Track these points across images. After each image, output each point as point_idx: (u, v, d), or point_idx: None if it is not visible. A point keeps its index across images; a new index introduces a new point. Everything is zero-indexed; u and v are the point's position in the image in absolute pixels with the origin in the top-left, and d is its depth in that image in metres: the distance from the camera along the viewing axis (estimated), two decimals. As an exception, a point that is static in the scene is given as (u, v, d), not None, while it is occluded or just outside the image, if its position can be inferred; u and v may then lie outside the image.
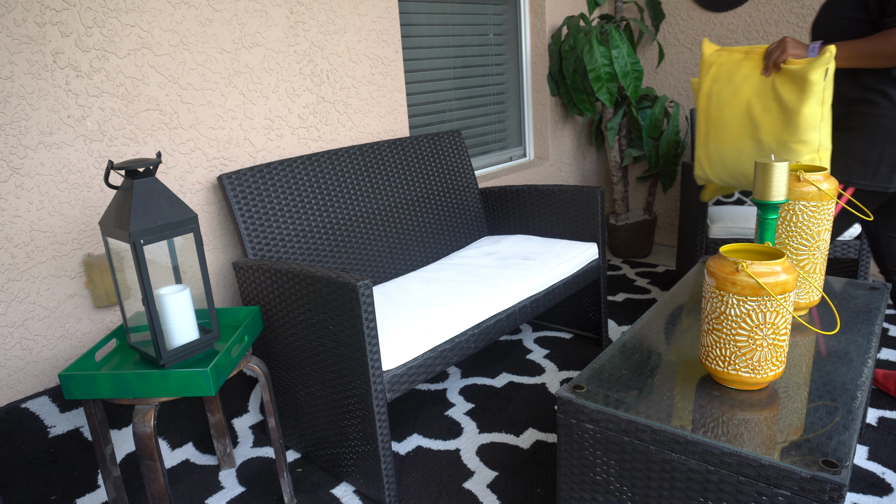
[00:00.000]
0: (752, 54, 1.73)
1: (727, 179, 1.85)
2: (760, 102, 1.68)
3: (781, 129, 1.65)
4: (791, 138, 1.63)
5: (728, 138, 1.74)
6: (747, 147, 1.71)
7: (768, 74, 1.66)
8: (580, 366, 2.34)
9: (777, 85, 1.65)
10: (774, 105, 1.65)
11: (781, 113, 1.65)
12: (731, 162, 1.77)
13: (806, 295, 1.51)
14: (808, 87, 1.59)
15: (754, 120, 1.68)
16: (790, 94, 1.62)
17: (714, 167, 1.83)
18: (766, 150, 1.70)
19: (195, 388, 1.29)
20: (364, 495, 1.69)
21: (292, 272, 1.60)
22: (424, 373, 1.65)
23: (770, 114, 1.66)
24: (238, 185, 1.85)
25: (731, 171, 1.79)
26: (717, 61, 1.77)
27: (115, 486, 1.51)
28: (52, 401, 1.62)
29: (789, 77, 1.63)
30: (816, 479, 0.92)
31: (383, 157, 2.27)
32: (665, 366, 1.30)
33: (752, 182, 1.79)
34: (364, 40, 2.32)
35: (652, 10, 3.33)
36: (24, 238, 1.56)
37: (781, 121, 1.65)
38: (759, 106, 1.68)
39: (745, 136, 1.71)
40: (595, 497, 1.20)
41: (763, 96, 1.68)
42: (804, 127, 1.61)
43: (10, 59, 1.49)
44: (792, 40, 1.63)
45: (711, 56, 1.79)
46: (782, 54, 1.62)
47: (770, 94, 1.66)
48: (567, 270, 2.16)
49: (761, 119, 1.67)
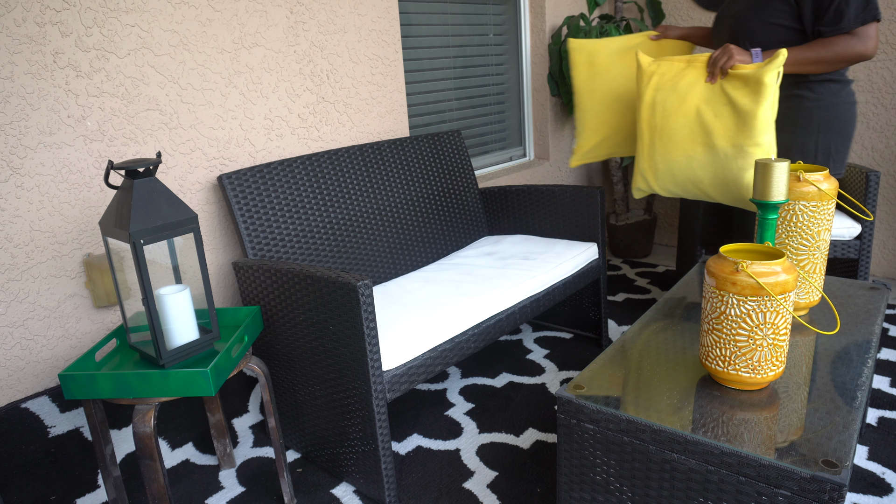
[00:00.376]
0: (694, 63, 1.75)
1: (674, 189, 1.84)
2: (711, 109, 1.69)
3: (736, 132, 1.66)
4: (747, 141, 1.65)
5: (677, 147, 1.75)
6: (699, 154, 1.72)
7: (714, 81, 1.69)
8: (580, 366, 2.34)
9: (728, 90, 1.67)
10: (727, 110, 1.67)
11: (735, 117, 1.66)
12: (680, 171, 1.77)
13: (806, 295, 1.51)
14: (763, 90, 1.61)
15: (706, 126, 1.69)
16: (744, 97, 1.64)
17: (660, 177, 1.82)
18: (720, 155, 1.70)
19: (195, 388, 1.29)
20: (364, 495, 1.69)
21: (292, 272, 1.60)
22: (424, 373, 1.65)
23: (723, 119, 1.68)
24: (238, 185, 1.85)
25: (678, 179, 1.79)
26: (658, 71, 1.78)
27: (115, 486, 1.52)
28: (52, 401, 1.62)
29: (742, 81, 1.65)
30: (816, 479, 0.92)
31: (383, 157, 2.27)
32: (665, 366, 1.30)
33: (702, 190, 1.79)
34: (364, 40, 2.32)
35: (652, 10, 3.33)
36: (24, 238, 1.56)
37: (736, 125, 1.66)
38: (709, 112, 1.69)
39: (696, 143, 1.72)
40: (595, 497, 1.20)
41: (713, 102, 1.69)
42: (759, 129, 1.63)
43: (10, 59, 1.49)
44: (735, 47, 1.66)
45: (651, 66, 1.79)
46: (729, 60, 1.65)
47: (721, 100, 1.68)
48: (567, 270, 2.16)
49: (714, 125, 1.68)
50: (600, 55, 2.17)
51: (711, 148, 1.69)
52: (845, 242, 2.36)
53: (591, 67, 2.18)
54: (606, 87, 2.16)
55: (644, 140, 1.81)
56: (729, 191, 1.72)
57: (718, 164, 1.70)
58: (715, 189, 1.74)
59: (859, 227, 2.34)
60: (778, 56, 1.57)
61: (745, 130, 1.64)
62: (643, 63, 1.81)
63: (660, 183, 1.83)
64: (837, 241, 2.37)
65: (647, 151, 1.81)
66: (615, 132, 2.19)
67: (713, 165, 1.71)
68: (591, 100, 2.19)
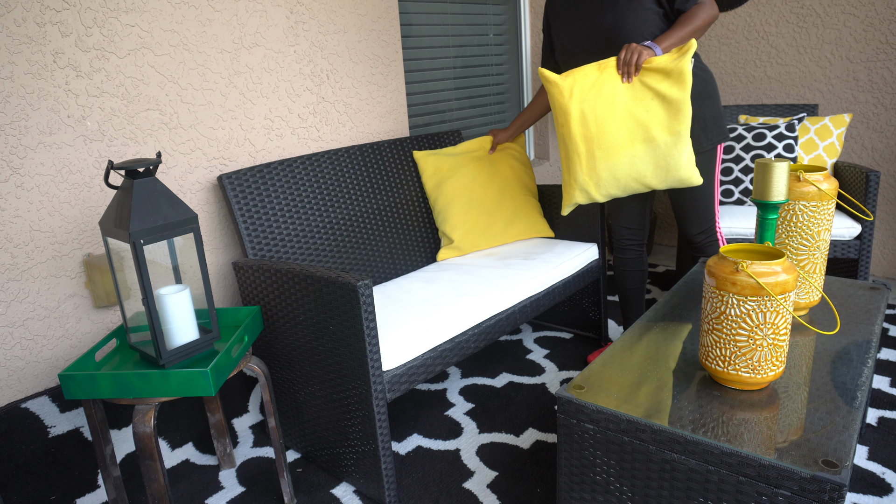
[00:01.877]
0: (605, 68, 1.80)
1: (615, 192, 1.88)
2: (641, 106, 1.77)
3: (671, 120, 1.76)
4: (682, 126, 1.76)
5: (619, 149, 1.80)
6: (640, 151, 1.79)
7: (630, 80, 1.78)
8: (580, 366, 2.34)
9: (652, 84, 1.75)
10: (655, 104, 1.76)
11: (666, 107, 1.75)
12: (623, 172, 1.82)
13: (806, 295, 1.51)
14: (685, 78, 1.72)
15: (642, 123, 1.77)
16: (671, 88, 1.74)
17: (603, 185, 1.85)
18: (661, 146, 1.78)
19: (195, 388, 1.29)
20: (364, 495, 1.69)
21: (292, 272, 1.60)
22: (424, 373, 1.65)
23: (654, 113, 1.76)
24: (238, 185, 1.85)
25: (622, 181, 1.84)
26: (575, 85, 1.80)
27: (115, 486, 1.52)
28: (52, 401, 1.62)
29: (662, 74, 1.74)
30: (816, 479, 0.92)
31: (383, 157, 2.27)
32: (665, 366, 1.30)
33: (644, 183, 1.81)
34: (364, 40, 2.32)
35: (652, 10, 3.33)
36: (24, 238, 1.56)
37: (668, 114, 1.76)
38: (640, 109, 1.77)
39: (636, 140, 1.79)
40: (595, 497, 1.20)
41: (641, 99, 1.77)
42: (686, 113, 1.75)
43: (10, 59, 1.49)
44: (636, 45, 1.76)
45: (566, 81, 1.81)
46: (640, 58, 1.74)
47: (647, 96, 1.77)
48: (567, 270, 2.17)
49: (648, 120, 1.77)
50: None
51: (651, 142, 1.78)
52: (845, 242, 2.36)
53: None
54: None
55: (580, 153, 1.83)
56: (670, 174, 1.81)
57: (660, 153, 1.78)
58: (657, 178, 1.82)
59: (859, 227, 2.34)
60: (689, 45, 1.73)
61: (679, 117, 1.75)
62: (553, 78, 1.82)
63: (602, 191, 1.87)
64: (837, 241, 2.37)
65: (585, 164, 1.84)
66: None
67: (655, 156, 1.79)
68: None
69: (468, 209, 2.25)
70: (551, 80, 1.81)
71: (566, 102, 1.80)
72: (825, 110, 2.97)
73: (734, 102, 3.24)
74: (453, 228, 2.26)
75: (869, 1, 2.74)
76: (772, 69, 3.07)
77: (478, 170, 2.28)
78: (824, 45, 2.90)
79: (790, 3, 2.95)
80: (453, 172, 2.27)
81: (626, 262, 2.22)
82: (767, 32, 3.05)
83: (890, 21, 2.71)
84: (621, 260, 2.23)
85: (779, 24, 3.00)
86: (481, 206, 2.26)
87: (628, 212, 2.15)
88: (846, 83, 2.88)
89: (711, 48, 3.23)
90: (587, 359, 2.38)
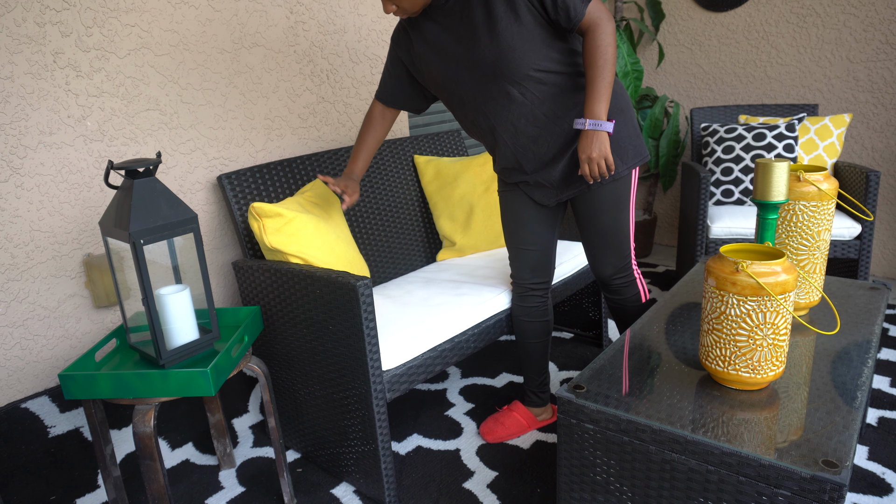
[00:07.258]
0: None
1: None
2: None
3: None
4: None
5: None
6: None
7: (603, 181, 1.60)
8: (580, 366, 2.34)
9: None
10: None
11: None
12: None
13: (806, 295, 1.51)
14: None
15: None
16: None
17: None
18: None
19: (195, 388, 1.29)
20: (364, 495, 1.69)
21: (292, 272, 1.60)
22: (424, 373, 1.65)
23: None
24: (238, 185, 1.85)
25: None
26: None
27: (115, 486, 1.52)
28: (52, 401, 1.62)
29: None
30: (816, 479, 0.92)
31: (383, 158, 2.27)
32: (665, 366, 1.30)
33: None
34: (364, 40, 2.32)
35: (652, 10, 3.33)
36: (24, 238, 1.56)
37: None
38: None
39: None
40: (595, 497, 1.20)
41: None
42: None
43: (10, 59, 1.49)
44: (593, 153, 1.45)
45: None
46: (608, 159, 1.46)
47: None
48: (567, 270, 2.16)
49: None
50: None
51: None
52: (845, 242, 2.36)
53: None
54: None
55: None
56: None
57: None
58: None
59: (859, 227, 2.34)
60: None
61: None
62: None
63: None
64: (837, 241, 2.37)
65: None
66: None
67: None
68: None
69: (469, 214, 2.26)
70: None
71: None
72: (825, 110, 2.97)
73: (734, 102, 3.24)
74: (454, 232, 2.27)
75: (869, 1, 2.74)
76: (772, 69, 3.07)
77: (477, 175, 2.29)
78: (824, 45, 2.90)
79: (790, 3, 2.95)
80: (454, 178, 2.27)
81: (528, 311, 1.83)
82: (767, 32, 3.05)
83: (890, 21, 2.71)
84: (521, 309, 1.83)
85: (779, 24, 3.00)
86: (482, 210, 2.26)
87: (531, 250, 1.76)
88: (846, 83, 2.88)
89: (711, 48, 3.23)
90: (482, 433, 1.92)
